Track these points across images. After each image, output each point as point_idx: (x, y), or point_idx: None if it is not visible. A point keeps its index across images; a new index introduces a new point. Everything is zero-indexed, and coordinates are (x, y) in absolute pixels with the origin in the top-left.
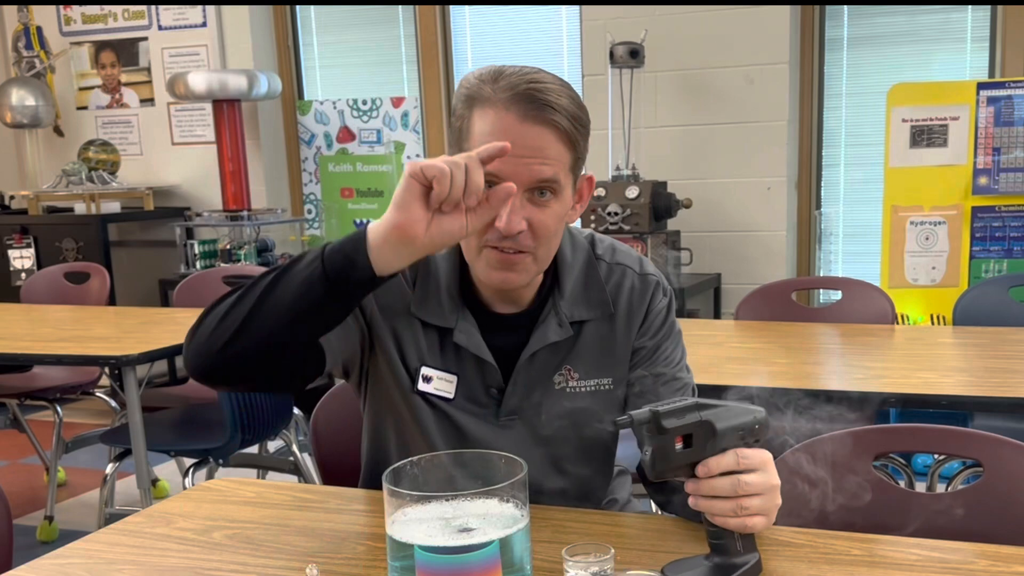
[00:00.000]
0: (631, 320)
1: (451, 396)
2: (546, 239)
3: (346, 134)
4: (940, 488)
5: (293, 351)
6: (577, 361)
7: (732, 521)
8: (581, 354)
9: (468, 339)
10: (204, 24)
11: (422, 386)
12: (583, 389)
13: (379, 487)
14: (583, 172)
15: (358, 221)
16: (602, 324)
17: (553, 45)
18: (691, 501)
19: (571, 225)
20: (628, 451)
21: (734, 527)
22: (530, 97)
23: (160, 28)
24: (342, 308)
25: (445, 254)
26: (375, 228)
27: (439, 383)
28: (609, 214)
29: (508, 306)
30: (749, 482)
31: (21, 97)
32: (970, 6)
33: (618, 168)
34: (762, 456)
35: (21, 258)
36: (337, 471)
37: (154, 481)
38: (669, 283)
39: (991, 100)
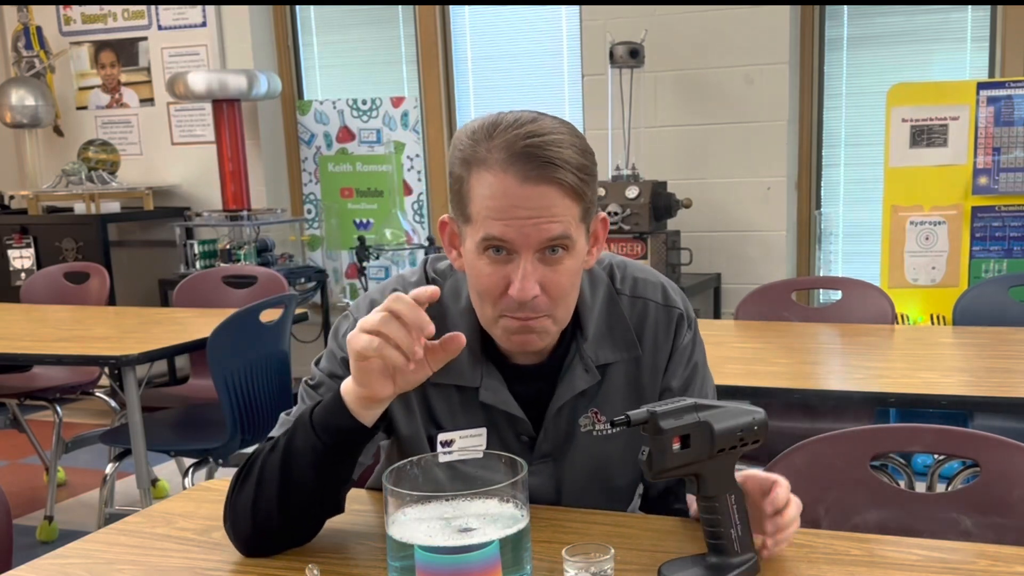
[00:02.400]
0: (657, 358)
1: (483, 448)
2: (562, 299)
3: (346, 134)
4: (940, 488)
5: (334, 500)
6: (604, 404)
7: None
8: (608, 397)
9: (495, 396)
10: (204, 24)
11: (442, 454)
12: (609, 432)
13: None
14: (596, 214)
15: (358, 221)
16: (628, 364)
17: (553, 45)
18: (774, 545)
19: None
20: None
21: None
22: (529, 156)
23: (160, 28)
24: (357, 455)
25: (463, 310)
26: (349, 395)
27: (463, 442)
28: (609, 214)
29: (531, 357)
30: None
31: (21, 97)
32: (970, 6)
33: (618, 168)
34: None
35: (21, 258)
36: None
37: (154, 481)
38: (692, 310)
39: (991, 100)
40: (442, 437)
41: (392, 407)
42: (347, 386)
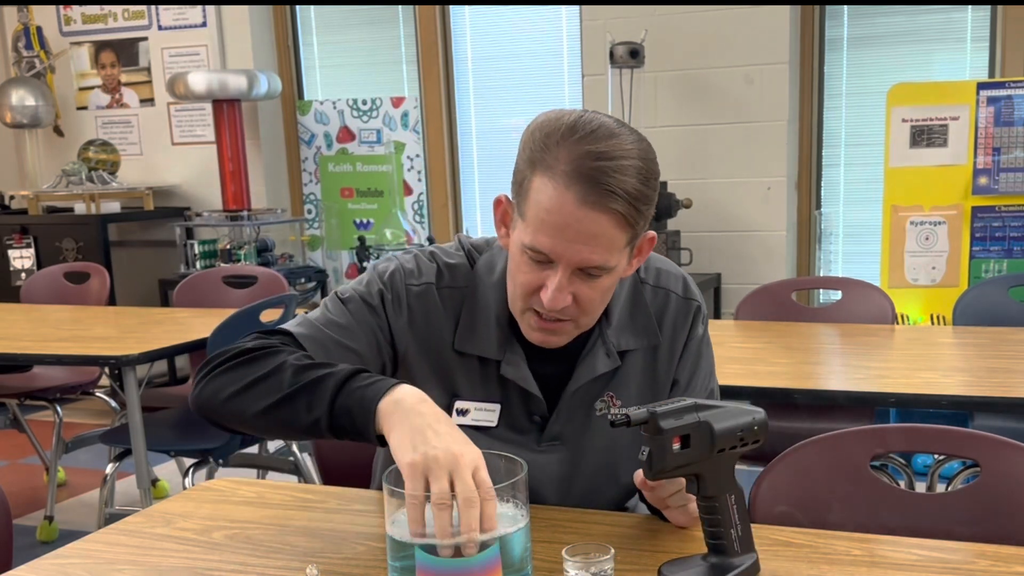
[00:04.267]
0: (673, 347)
1: (494, 424)
2: (591, 310)
3: (346, 134)
4: (940, 488)
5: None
6: (620, 389)
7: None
8: (625, 382)
9: (516, 372)
10: (204, 24)
11: (456, 420)
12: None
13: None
14: (644, 234)
15: (358, 221)
16: (647, 352)
17: (553, 45)
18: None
19: None
20: None
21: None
22: (593, 180)
23: (160, 28)
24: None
25: (495, 283)
26: (385, 418)
27: (478, 414)
28: None
29: None
30: None
31: (21, 97)
32: (970, 6)
33: None
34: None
35: (21, 258)
36: (337, 471)
37: (154, 481)
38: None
39: (991, 100)
40: (459, 405)
41: (413, 369)
42: (395, 407)
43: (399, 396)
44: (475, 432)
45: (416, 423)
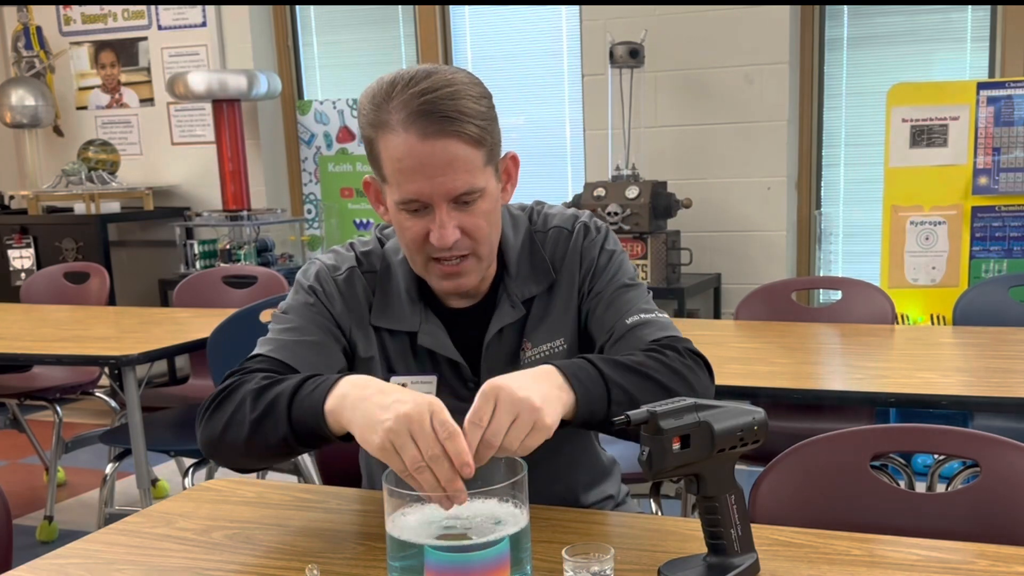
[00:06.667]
0: (571, 273)
1: (434, 396)
2: (483, 237)
3: (346, 134)
4: (940, 488)
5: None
6: (534, 334)
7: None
8: (534, 326)
9: (434, 340)
10: (204, 24)
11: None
12: (538, 357)
13: (379, 488)
14: (502, 155)
15: (358, 221)
16: (549, 290)
17: (553, 45)
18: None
19: (511, 204)
20: (624, 450)
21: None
22: (425, 113)
23: (160, 28)
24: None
25: (401, 260)
26: (335, 411)
27: (416, 387)
28: (609, 214)
29: (466, 300)
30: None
31: (21, 97)
32: (970, 6)
33: (618, 168)
34: (493, 394)
35: (21, 258)
36: (337, 471)
37: (154, 481)
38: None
39: (991, 100)
40: (395, 380)
41: (362, 354)
42: (340, 402)
43: (340, 391)
44: None
45: (363, 408)
